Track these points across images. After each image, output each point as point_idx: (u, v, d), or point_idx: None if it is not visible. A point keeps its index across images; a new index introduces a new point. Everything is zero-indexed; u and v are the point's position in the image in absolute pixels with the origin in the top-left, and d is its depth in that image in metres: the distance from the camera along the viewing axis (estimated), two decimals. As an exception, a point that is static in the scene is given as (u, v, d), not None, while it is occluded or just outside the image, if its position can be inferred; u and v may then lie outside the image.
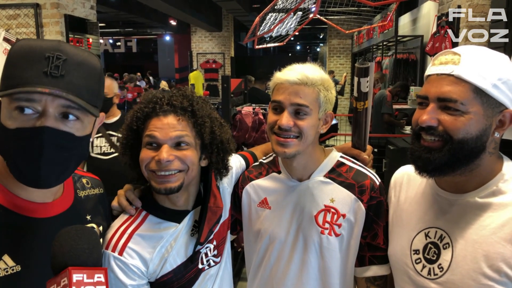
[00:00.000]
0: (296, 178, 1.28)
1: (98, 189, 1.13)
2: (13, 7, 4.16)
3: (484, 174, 0.98)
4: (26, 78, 0.79)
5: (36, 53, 0.81)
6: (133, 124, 1.11)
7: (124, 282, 1.06)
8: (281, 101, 1.16)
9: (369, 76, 1.27)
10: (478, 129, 0.93)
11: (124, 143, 1.15)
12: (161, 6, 9.56)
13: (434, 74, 0.97)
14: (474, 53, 0.95)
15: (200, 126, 1.12)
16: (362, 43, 11.78)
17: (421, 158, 0.98)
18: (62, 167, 0.86)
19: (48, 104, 0.81)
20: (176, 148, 1.08)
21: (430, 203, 1.08)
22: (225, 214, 1.29)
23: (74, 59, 0.83)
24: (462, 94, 0.92)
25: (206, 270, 1.20)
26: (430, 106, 0.96)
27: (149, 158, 1.07)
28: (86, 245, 0.76)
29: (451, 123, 0.93)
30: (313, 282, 1.25)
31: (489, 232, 0.93)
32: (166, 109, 1.09)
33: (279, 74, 1.20)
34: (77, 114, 0.85)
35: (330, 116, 1.24)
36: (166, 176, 1.07)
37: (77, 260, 0.73)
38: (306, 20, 7.41)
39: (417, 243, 1.06)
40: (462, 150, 0.93)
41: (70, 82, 0.82)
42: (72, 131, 0.84)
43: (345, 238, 1.23)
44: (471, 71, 0.92)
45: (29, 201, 0.89)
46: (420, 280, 1.03)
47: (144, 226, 1.13)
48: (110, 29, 18.62)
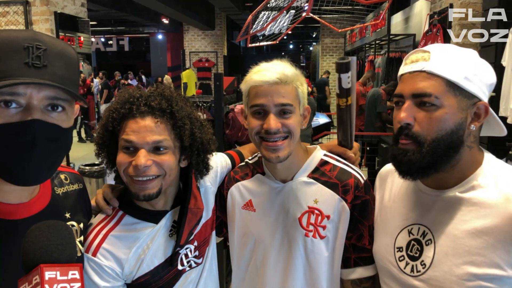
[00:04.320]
0: (280, 179, 1.24)
1: (78, 184, 1.10)
2: (2, 4, 4.10)
3: (465, 169, 0.99)
4: (7, 71, 0.76)
5: (13, 44, 0.77)
6: (109, 125, 1.07)
7: (98, 283, 1.04)
8: (264, 104, 1.12)
9: (350, 71, 1.23)
10: (454, 123, 0.94)
11: (100, 143, 1.11)
12: (154, 4, 9.50)
13: (406, 73, 0.99)
14: (443, 49, 0.98)
15: (180, 129, 1.08)
16: (355, 42, 11.80)
17: (402, 162, 0.99)
18: (52, 161, 0.84)
19: (34, 97, 0.78)
20: (154, 152, 1.04)
21: (413, 200, 1.08)
22: (208, 214, 1.26)
23: (53, 49, 0.81)
24: (435, 88, 0.94)
25: (187, 271, 1.18)
26: (406, 104, 0.97)
27: (126, 163, 1.04)
28: (58, 241, 0.73)
29: (426, 121, 0.94)
30: (299, 285, 1.22)
31: (469, 227, 0.93)
32: (143, 110, 1.04)
33: (255, 75, 1.14)
34: (64, 105, 0.83)
35: (308, 110, 1.21)
36: (144, 182, 1.04)
37: (49, 257, 0.70)
38: (299, 18, 7.40)
39: (401, 240, 1.06)
40: (438, 147, 0.94)
41: (54, 73, 0.79)
42: (58, 123, 0.82)
43: (330, 240, 1.19)
44: (441, 65, 0.95)
45: (4, 203, 0.85)
46: (404, 277, 1.02)
47: (120, 226, 1.11)
48: (102, 28, 18.45)
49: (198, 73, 13.56)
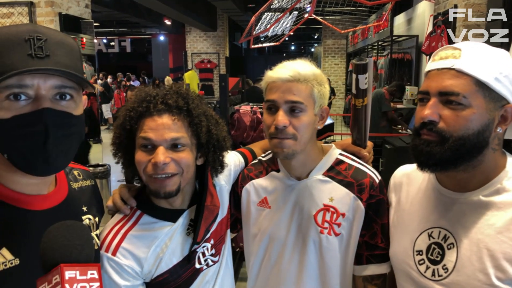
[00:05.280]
0: (294, 177, 1.26)
1: (90, 180, 1.11)
2: (7, 5, 4.10)
3: (488, 171, 0.96)
4: (12, 64, 0.76)
5: (14, 38, 0.78)
6: (126, 123, 1.07)
7: (118, 282, 1.05)
8: (275, 99, 1.14)
9: (367, 72, 1.25)
10: (481, 123, 0.91)
11: (117, 143, 1.12)
12: (156, 5, 9.52)
13: (434, 69, 0.96)
14: (475, 48, 0.95)
15: (196, 126, 1.08)
16: (357, 43, 11.81)
17: (422, 152, 0.96)
18: (66, 148, 0.84)
19: (41, 87, 0.79)
20: (172, 149, 1.05)
21: (432, 203, 1.05)
22: (223, 213, 1.27)
23: (54, 39, 0.81)
24: (464, 87, 0.90)
25: (205, 270, 1.18)
26: (431, 101, 0.94)
27: (145, 161, 1.05)
28: (77, 241, 0.73)
29: (453, 119, 0.92)
30: (313, 282, 1.24)
31: (494, 231, 0.91)
32: (161, 108, 1.05)
33: (271, 72, 1.18)
34: (71, 92, 0.83)
35: (326, 111, 1.22)
36: (163, 181, 1.04)
37: (69, 257, 0.70)
38: (302, 20, 7.41)
39: (420, 244, 1.04)
40: (463, 146, 0.92)
41: (58, 62, 0.80)
42: (69, 111, 0.83)
43: (344, 238, 1.21)
44: (472, 64, 0.91)
45: (25, 194, 0.86)
46: (424, 281, 1.00)
47: (139, 225, 1.11)
48: (104, 29, 18.51)
49: (200, 74, 13.60)
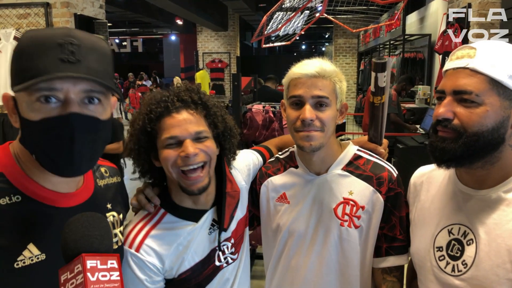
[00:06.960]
0: (313, 172, 1.28)
1: (116, 177, 1.14)
2: (24, 6, 4.18)
3: (507, 168, 0.98)
4: (44, 68, 0.78)
5: (48, 41, 0.80)
6: (147, 126, 1.09)
7: (140, 277, 1.09)
8: (301, 95, 1.17)
9: (386, 71, 1.29)
10: (495, 120, 0.93)
11: (137, 149, 1.12)
12: (168, 5, 9.58)
13: (450, 69, 0.99)
14: (490, 46, 0.96)
15: (212, 117, 1.14)
16: (369, 42, 11.74)
17: (437, 148, 0.99)
18: (92, 152, 0.86)
19: (70, 91, 0.81)
20: (196, 141, 1.09)
21: (452, 200, 1.07)
22: (242, 212, 1.29)
23: (87, 44, 0.83)
24: (477, 85, 0.92)
25: (224, 268, 1.21)
26: (446, 99, 0.97)
27: (174, 156, 1.07)
28: (97, 231, 0.76)
29: (466, 116, 0.94)
30: (332, 274, 1.26)
31: None
32: (178, 105, 1.10)
33: (295, 69, 1.21)
34: (100, 97, 0.85)
35: (345, 106, 1.27)
36: (194, 172, 1.08)
37: (90, 247, 0.73)
38: (313, 19, 7.39)
39: (440, 240, 1.06)
40: (477, 142, 0.93)
41: (88, 67, 0.82)
42: (96, 115, 0.85)
43: (364, 230, 1.24)
44: (486, 63, 0.93)
45: (54, 191, 0.89)
46: (444, 277, 1.02)
47: (162, 224, 1.15)
48: (116, 29, 18.68)
49: (211, 73, 13.63)
